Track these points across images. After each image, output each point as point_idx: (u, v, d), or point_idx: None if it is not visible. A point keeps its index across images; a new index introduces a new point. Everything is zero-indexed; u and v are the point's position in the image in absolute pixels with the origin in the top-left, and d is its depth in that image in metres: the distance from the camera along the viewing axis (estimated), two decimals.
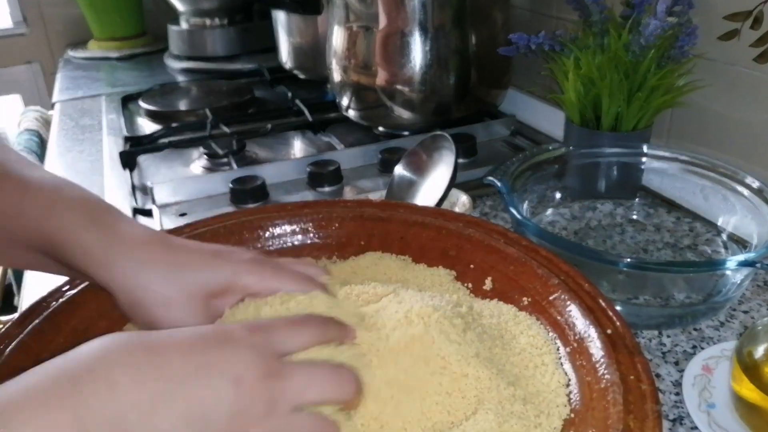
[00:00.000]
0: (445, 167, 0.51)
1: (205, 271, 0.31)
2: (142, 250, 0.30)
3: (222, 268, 0.31)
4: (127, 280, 0.30)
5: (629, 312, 0.44)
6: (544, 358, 0.32)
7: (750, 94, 0.54)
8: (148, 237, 0.31)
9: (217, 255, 0.32)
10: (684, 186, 0.54)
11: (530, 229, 0.44)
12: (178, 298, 0.30)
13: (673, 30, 0.54)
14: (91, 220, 0.31)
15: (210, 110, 0.88)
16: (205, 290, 0.31)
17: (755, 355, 0.34)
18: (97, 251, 0.30)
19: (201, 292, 0.30)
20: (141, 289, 0.30)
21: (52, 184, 0.32)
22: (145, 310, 0.30)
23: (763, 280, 0.48)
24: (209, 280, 0.31)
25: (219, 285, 0.31)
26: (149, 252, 0.30)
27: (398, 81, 0.71)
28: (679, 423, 0.36)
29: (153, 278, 0.30)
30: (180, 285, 0.30)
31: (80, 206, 0.31)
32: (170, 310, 0.30)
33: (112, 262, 0.30)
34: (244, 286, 0.31)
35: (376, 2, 0.69)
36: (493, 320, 0.34)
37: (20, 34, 1.44)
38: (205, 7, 1.17)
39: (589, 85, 0.56)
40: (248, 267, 0.32)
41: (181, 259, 0.31)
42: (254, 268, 0.32)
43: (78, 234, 0.30)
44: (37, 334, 0.33)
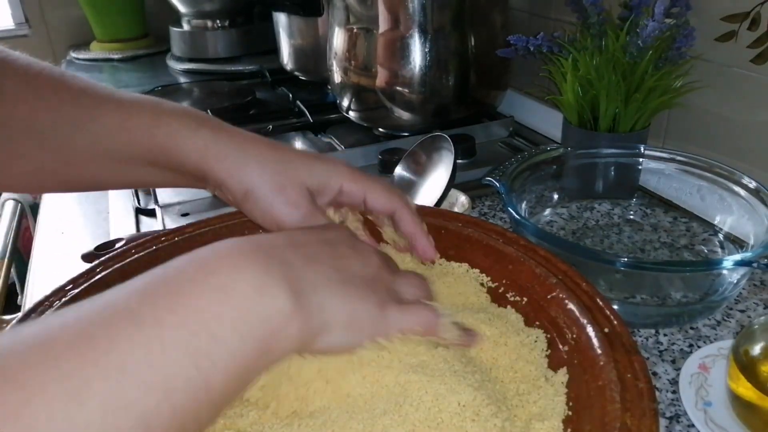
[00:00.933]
0: (445, 168, 0.52)
1: (309, 168, 0.34)
2: (251, 145, 0.34)
3: (324, 167, 0.35)
4: (241, 171, 0.33)
5: (626, 311, 0.44)
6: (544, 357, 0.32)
7: (747, 95, 0.55)
8: (254, 137, 0.35)
9: (318, 157, 0.36)
10: (681, 186, 0.55)
11: (528, 229, 0.44)
12: (287, 187, 0.33)
13: (671, 31, 0.54)
14: (199, 124, 0.33)
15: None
16: (309, 184, 0.34)
17: (752, 354, 0.34)
18: (212, 148, 0.33)
19: (306, 184, 0.34)
20: (255, 178, 0.33)
21: (150, 101, 0.34)
22: (260, 197, 0.33)
23: (759, 279, 0.49)
24: (313, 176, 0.34)
25: (320, 181, 0.34)
26: (258, 147, 0.34)
27: (398, 82, 0.72)
28: (676, 421, 0.37)
29: (264, 170, 0.33)
30: (288, 176, 0.33)
31: (184, 114, 0.34)
32: (281, 196, 0.33)
33: (226, 157, 0.33)
34: (340, 185, 0.35)
35: (376, 4, 0.70)
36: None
37: (22, 35, 1.44)
38: (207, 9, 1.18)
39: (587, 86, 0.57)
40: (346, 170, 0.35)
41: (287, 157, 0.34)
42: (350, 173, 0.35)
43: (190, 136, 0.33)
44: None
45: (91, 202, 0.67)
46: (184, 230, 0.42)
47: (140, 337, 0.19)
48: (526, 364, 0.32)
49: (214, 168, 0.33)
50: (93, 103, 0.33)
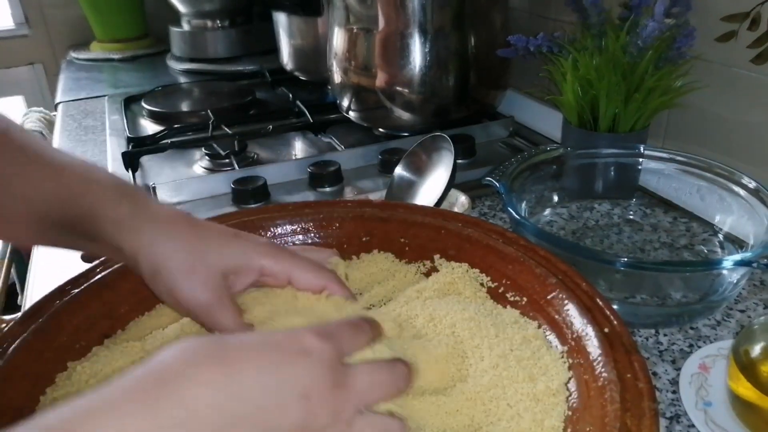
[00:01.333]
0: (444, 168, 0.52)
1: (224, 249, 0.33)
2: (168, 224, 0.33)
3: (240, 247, 0.33)
4: (152, 249, 0.32)
5: (626, 311, 0.44)
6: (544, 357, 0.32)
7: (747, 95, 0.55)
8: (175, 214, 0.34)
9: (237, 236, 0.34)
10: (681, 186, 0.55)
11: (528, 229, 0.44)
12: (198, 268, 0.32)
13: (671, 31, 0.54)
14: (122, 196, 0.33)
15: (212, 111, 0.89)
16: (224, 266, 0.33)
17: (752, 354, 0.34)
18: (128, 223, 0.32)
19: (219, 266, 0.32)
20: (165, 258, 0.32)
21: (83, 166, 0.34)
22: (166, 277, 0.32)
23: (759, 279, 0.49)
24: (228, 257, 0.33)
25: (236, 263, 0.33)
26: (174, 226, 0.33)
27: (398, 82, 0.72)
28: (676, 421, 0.37)
29: (176, 248, 0.32)
30: (200, 257, 0.32)
31: (112, 185, 0.33)
32: (189, 278, 0.32)
33: (141, 232, 0.32)
34: (260, 266, 0.33)
35: (376, 4, 0.70)
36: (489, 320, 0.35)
37: (23, 35, 1.45)
38: (207, 9, 1.18)
39: (587, 86, 0.57)
40: (265, 249, 0.34)
41: (203, 235, 0.33)
42: (271, 251, 0.34)
43: (111, 207, 0.32)
44: (39, 333, 0.33)
45: None
46: None
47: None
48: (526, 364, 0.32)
49: (127, 242, 0.32)
50: (26, 161, 0.32)
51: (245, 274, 0.34)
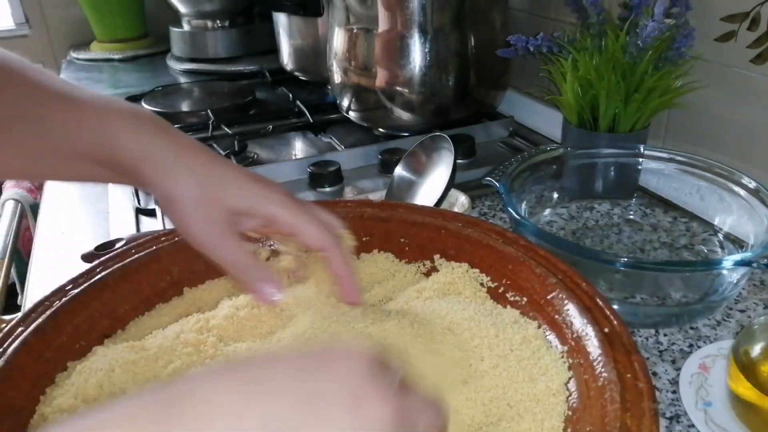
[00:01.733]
0: (445, 168, 0.52)
1: (239, 188, 0.33)
2: (188, 153, 0.33)
3: (255, 190, 0.33)
4: (168, 177, 0.32)
5: (626, 311, 0.44)
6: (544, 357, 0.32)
7: (747, 95, 0.55)
8: (194, 145, 0.34)
9: (254, 178, 0.34)
10: (681, 186, 0.55)
11: (528, 228, 0.44)
12: (208, 202, 0.32)
13: (671, 31, 0.54)
14: (141, 124, 0.33)
15: (212, 111, 0.89)
16: (234, 205, 0.33)
17: (752, 354, 0.34)
18: (147, 150, 0.32)
19: (229, 204, 0.33)
20: (180, 186, 0.32)
21: (102, 100, 0.34)
22: (177, 206, 0.32)
23: (759, 279, 0.49)
24: (240, 198, 0.33)
25: (248, 204, 0.33)
26: (194, 157, 0.33)
27: (398, 82, 0.72)
28: (676, 421, 0.37)
29: (190, 180, 0.32)
30: (213, 192, 0.32)
31: (129, 115, 0.33)
32: (197, 210, 0.32)
33: (159, 159, 0.32)
34: (271, 213, 0.33)
35: (376, 4, 0.70)
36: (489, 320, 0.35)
37: (23, 35, 1.44)
38: (207, 9, 1.18)
39: (587, 86, 0.57)
40: (279, 198, 0.34)
41: (220, 171, 0.33)
42: (284, 201, 0.34)
43: (130, 137, 0.32)
44: (39, 333, 0.33)
45: (91, 202, 0.67)
46: None
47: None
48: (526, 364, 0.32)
49: (146, 170, 0.32)
50: (46, 98, 0.33)
51: (255, 217, 0.34)
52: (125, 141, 0.32)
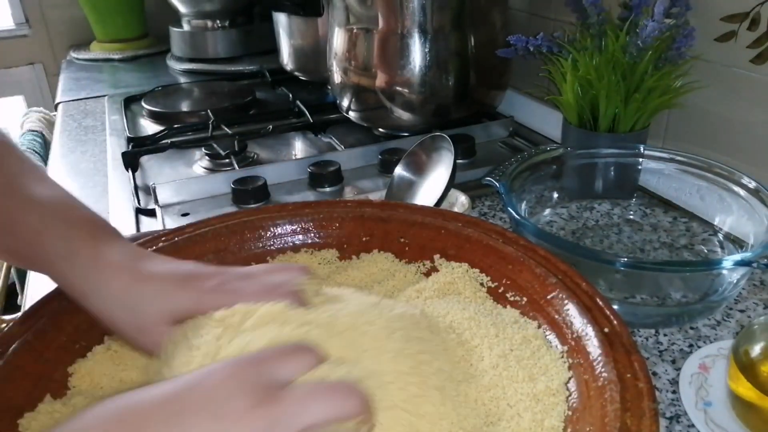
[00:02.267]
0: (444, 168, 0.52)
1: (169, 302, 0.32)
2: (112, 283, 0.32)
3: (185, 298, 0.32)
4: (104, 314, 0.32)
5: (626, 311, 0.44)
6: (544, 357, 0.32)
7: (747, 96, 0.55)
8: (119, 267, 0.33)
9: (183, 284, 0.33)
10: (680, 186, 0.55)
11: (528, 228, 0.44)
12: (147, 327, 0.32)
13: (671, 31, 0.54)
14: (70, 251, 0.32)
15: (212, 111, 0.89)
16: (170, 317, 0.32)
17: (752, 354, 0.34)
18: (78, 284, 0.32)
19: (166, 319, 0.32)
20: (117, 322, 0.32)
21: (48, 204, 0.34)
22: (126, 337, 0.33)
23: (759, 279, 0.49)
24: (173, 309, 0.32)
25: (182, 313, 0.32)
26: (118, 284, 0.32)
27: (398, 83, 0.72)
28: (676, 421, 0.37)
29: (123, 310, 0.32)
30: (146, 316, 0.32)
31: (64, 234, 0.33)
32: (143, 335, 0.32)
33: (90, 296, 0.32)
34: (207, 311, 0.32)
35: (376, 4, 0.70)
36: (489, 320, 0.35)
37: (23, 35, 1.45)
38: (207, 9, 1.18)
39: (587, 86, 0.57)
40: (211, 296, 0.32)
41: (144, 290, 0.32)
42: (216, 297, 0.32)
43: (61, 265, 0.33)
44: (39, 333, 0.33)
45: (91, 202, 0.66)
46: (184, 230, 0.42)
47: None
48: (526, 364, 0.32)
49: (83, 304, 0.33)
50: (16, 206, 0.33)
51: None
52: (59, 270, 0.32)
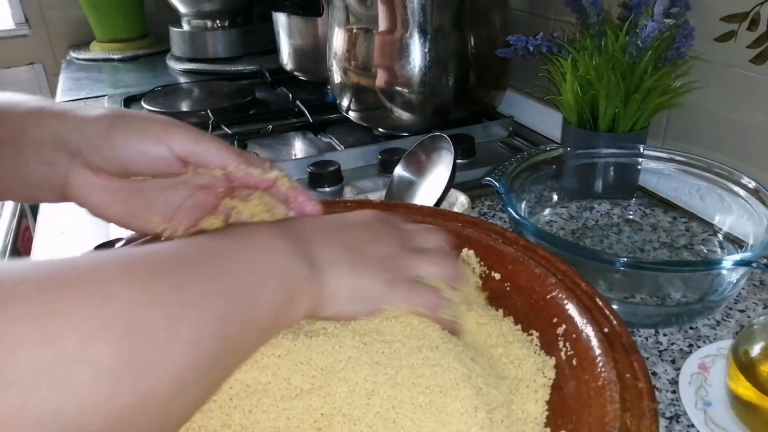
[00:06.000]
0: (444, 168, 0.52)
1: (178, 130, 0.32)
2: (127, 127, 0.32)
3: (187, 130, 0.33)
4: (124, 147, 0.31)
5: (626, 311, 0.44)
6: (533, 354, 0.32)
7: (746, 95, 0.55)
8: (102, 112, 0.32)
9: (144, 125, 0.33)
10: (680, 186, 0.55)
11: (528, 228, 0.44)
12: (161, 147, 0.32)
13: (670, 31, 0.54)
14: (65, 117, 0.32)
15: (211, 111, 0.89)
16: (183, 145, 0.32)
17: (751, 354, 0.34)
18: (75, 136, 0.31)
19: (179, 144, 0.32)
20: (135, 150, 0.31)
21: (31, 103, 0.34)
22: (76, 198, 0.32)
23: (759, 279, 0.49)
24: (184, 137, 0.32)
25: (190, 144, 0.32)
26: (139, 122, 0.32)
27: (398, 82, 0.72)
28: (675, 421, 0.37)
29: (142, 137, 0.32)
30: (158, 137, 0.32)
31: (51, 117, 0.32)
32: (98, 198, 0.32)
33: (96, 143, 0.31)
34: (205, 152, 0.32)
35: (375, 4, 0.70)
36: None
37: (22, 35, 1.45)
38: (207, 9, 1.18)
39: (587, 86, 0.57)
40: (205, 137, 0.33)
41: (156, 122, 0.33)
42: (208, 138, 0.33)
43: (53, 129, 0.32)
44: None
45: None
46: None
47: (216, 270, 0.25)
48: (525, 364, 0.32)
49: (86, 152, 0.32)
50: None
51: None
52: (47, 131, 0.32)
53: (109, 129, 0.31)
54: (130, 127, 0.32)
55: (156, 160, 0.32)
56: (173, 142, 0.32)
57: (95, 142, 0.31)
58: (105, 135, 0.31)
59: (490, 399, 0.27)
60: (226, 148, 0.33)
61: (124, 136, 0.31)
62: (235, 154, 0.33)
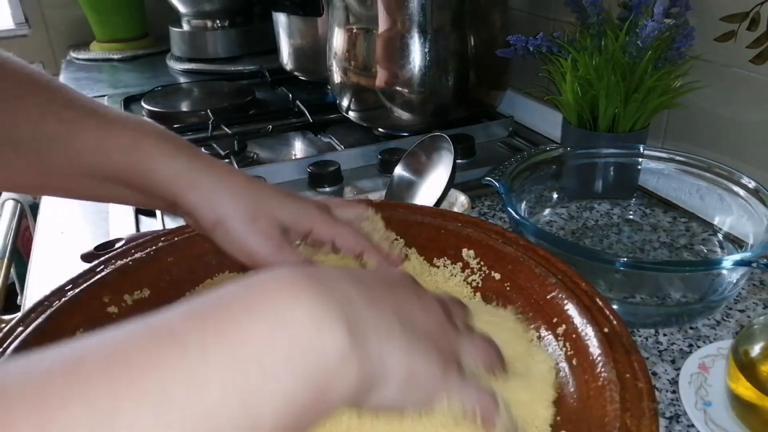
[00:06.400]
0: (444, 168, 0.52)
1: (281, 204, 0.34)
2: (226, 176, 0.34)
3: (295, 206, 0.35)
4: (213, 200, 0.33)
5: (626, 311, 0.44)
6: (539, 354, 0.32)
7: (746, 95, 0.55)
8: (229, 168, 0.35)
9: (291, 195, 0.36)
10: (680, 186, 0.55)
11: (528, 228, 0.44)
12: (259, 219, 0.33)
13: (670, 31, 0.54)
14: (177, 149, 0.33)
15: (211, 111, 0.89)
16: (281, 220, 0.34)
17: (751, 354, 0.34)
18: (185, 175, 0.33)
19: (278, 219, 0.34)
20: (227, 207, 0.33)
21: (132, 121, 0.34)
22: (229, 227, 0.33)
23: (759, 279, 0.49)
24: (285, 213, 0.34)
25: (291, 219, 0.35)
26: (232, 179, 0.34)
27: (398, 82, 0.72)
28: (675, 421, 0.37)
29: (237, 200, 0.33)
30: (260, 208, 0.34)
31: (163, 138, 0.34)
32: (252, 228, 0.33)
33: (200, 184, 0.33)
34: (310, 227, 0.35)
35: (375, 4, 0.70)
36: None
37: (22, 35, 1.45)
38: (207, 9, 1.18)
39: (587, 86, 0.57)
40: (316, 212, 0.35)
41: (261, 190, 0.35)
42: (320, 216, 0.36)
43: (167, 161, 0.33)
44: (39, 333, 0.33)
45: (91, 202, 0.67)
46: (184, 230, 0.42)
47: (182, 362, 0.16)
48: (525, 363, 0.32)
49: (187, 195, 0.33)
50: (75, 118, 0.33)
51: (297, 231, 0.35)
52: (162, 166, 0.33)
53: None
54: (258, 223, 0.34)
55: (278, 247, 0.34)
56: (315, 227, 0.35)
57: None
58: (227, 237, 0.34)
59: None
60: (356, 237, 0.36)
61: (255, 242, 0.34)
62: (367, 243, 0.36)
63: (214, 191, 0.33)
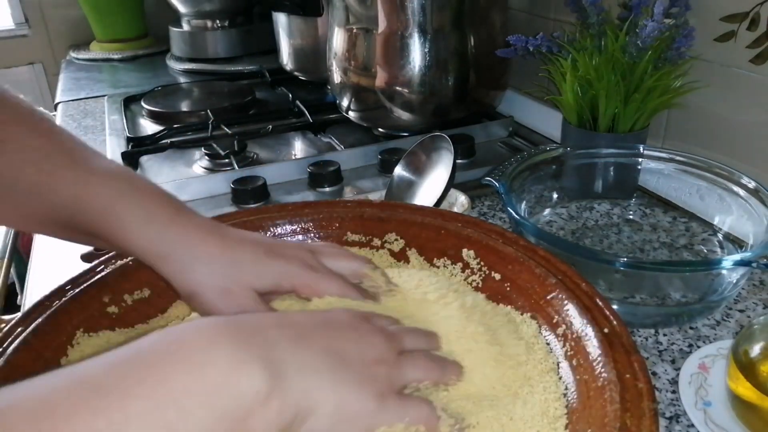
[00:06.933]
0: (444, 168, 0.52)
1: (258, 271, 0.33)
2: (200, 244, 0.33)
3: (274, 268, 0.33)
4: (185, 274, 0.32)
5: (626, 311, 0.44)
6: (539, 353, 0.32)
7: (746, 96, 0.55)
8: (205, 231, 0.33)
9: (269, 254, 0.34)
10: (680, 186, 0.55)
11: (528, 229, 0.44)
12: (233, 290, 0.32)
13: (670, 31, 0.54)
14: (149, 216, 0.32)
15: (211, 111, 0.89)
16: (258, 286, 0.33)
17: (751, 354, 0.34)
18: (157, 246, 0.32)
19: (253, 287, 0.33)
20: (199, 281, 0.32)
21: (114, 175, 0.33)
22: (203, 299, 0.32)
23: (759, 279, 0.49)
24: (261, 278, 0.33)
25: (270, 283, 0.33)
26: (207, 246, 0.33)
27: (397, 82, 0.72)
28: (675, 421, 0.37)
29: (210, 272, 0.32)
30: (234, 279, 0.32)
31: (139, 201, 0.33)
32: (226, 301, 0.32)
33: (170, 256, 0.32)
34: (290, 288, 0.34)
35: (375, 4, 0.70)
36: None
37: (22, 35, 1.44)
38: (207, 9, 1.18)
39: (587, 86, 0.57)
40: (298, 272, 0.33)
41: (236, 256, 0.33)
42: (304, 275, 0.34)
43: (138, 230, 0.32)
44: (39, 333, 0.33)
45: None
46: None
47: (103, 407, 0.18)
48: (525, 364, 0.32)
49: (160, 267, 0.33)
50: (53, 169, 0.32)
51: (277, 293, 0.34)
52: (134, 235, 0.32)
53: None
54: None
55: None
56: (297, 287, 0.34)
57: None
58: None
59: None
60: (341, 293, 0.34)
61: None
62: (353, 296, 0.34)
63: (187, 263, 0.32)
